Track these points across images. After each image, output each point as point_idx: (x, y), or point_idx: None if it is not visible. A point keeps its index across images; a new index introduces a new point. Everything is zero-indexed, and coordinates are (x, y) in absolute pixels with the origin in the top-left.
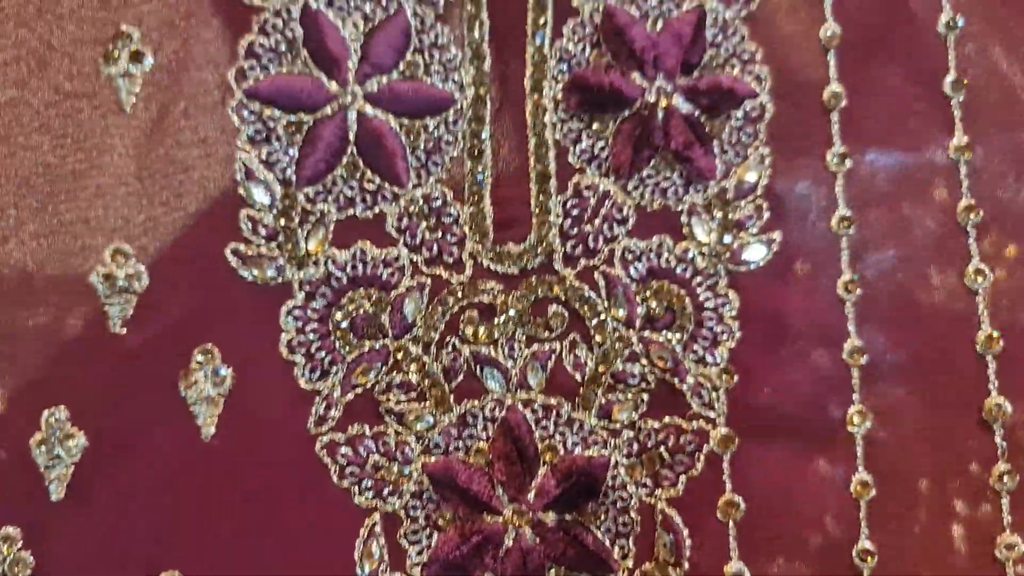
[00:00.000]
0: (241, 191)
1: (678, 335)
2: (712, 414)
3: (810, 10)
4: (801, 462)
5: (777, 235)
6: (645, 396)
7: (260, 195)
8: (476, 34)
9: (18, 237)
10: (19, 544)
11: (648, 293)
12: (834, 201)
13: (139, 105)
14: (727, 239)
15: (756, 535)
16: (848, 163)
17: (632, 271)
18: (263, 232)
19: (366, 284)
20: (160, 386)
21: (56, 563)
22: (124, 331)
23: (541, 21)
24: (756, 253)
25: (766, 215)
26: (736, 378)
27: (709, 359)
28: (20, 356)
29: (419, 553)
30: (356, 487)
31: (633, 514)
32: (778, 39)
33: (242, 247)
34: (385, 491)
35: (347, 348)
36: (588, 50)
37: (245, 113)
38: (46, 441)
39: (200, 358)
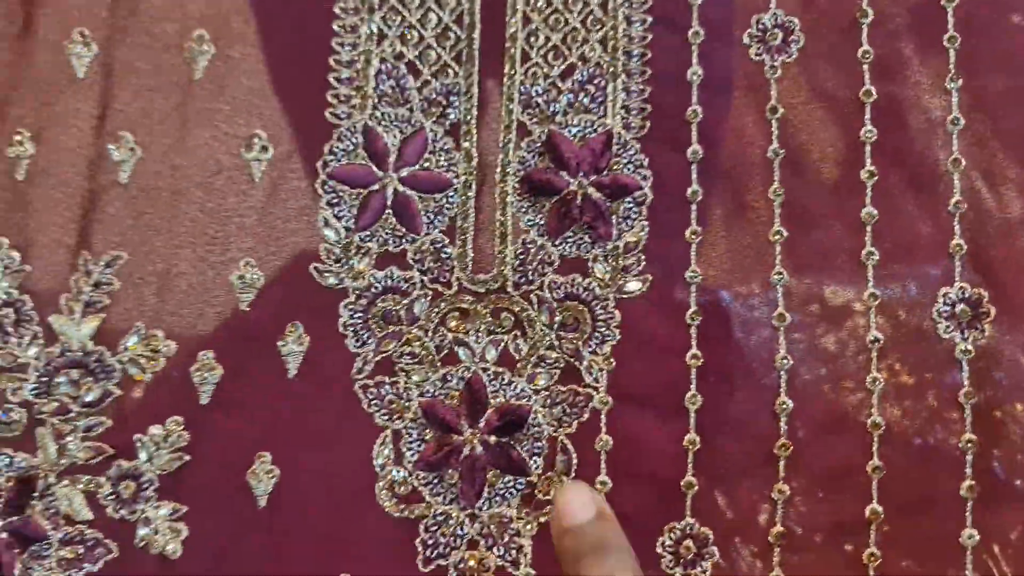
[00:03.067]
0: (321, 232)
1: (580, 335)
2: (597, 384)
3: (681, 132)
4: (648, 422)
5: (649, 276)
6: (557, 370)
7: (332, 235)
8: (467, 144)
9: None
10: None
11: (564, 309)
12: (688, 259)
13: (262, 181)
14: (616, 277)
15: (618, 462)
16: (699, 238)
17: (555, 294)
18: (332, 257)
19: (392, 292)
20: (267, 343)
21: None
22: (248, 310)
23: (508, 138)
24: (634, 287)
25: (643, 263)
26: (613, 363)
27: (598, 351)
28: (188, 321)
29: (412, 455)
30: (377, 412)
31: (543, 442)
32: (660, 155)
33: (320, 266)
34: (394, 416)
35: (378, 329)
36: (536, 157)
37: (326, 187)
38: (199, 369)
39: (290, 328)
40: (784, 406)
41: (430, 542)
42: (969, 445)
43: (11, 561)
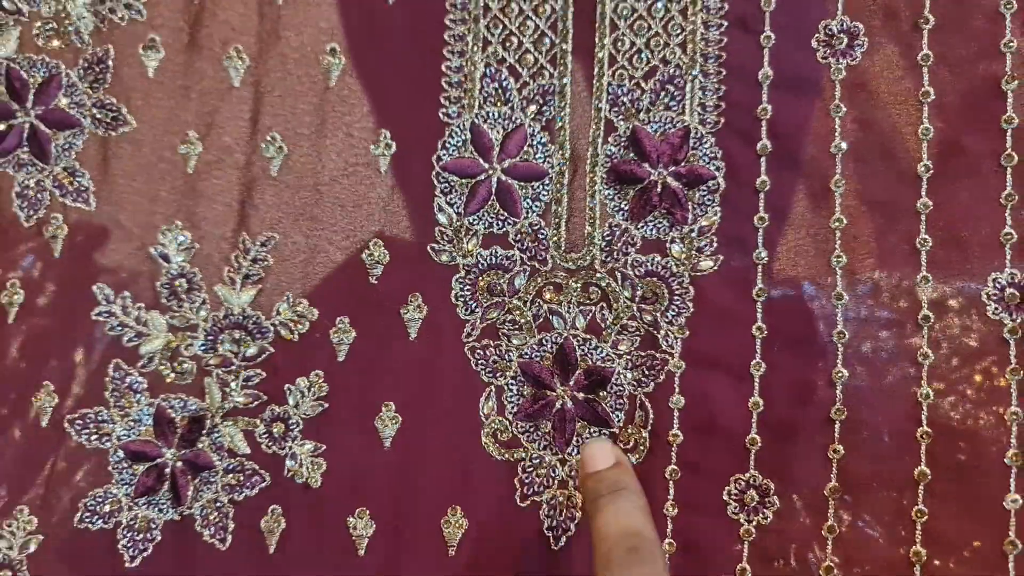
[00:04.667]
0: (437, 216)
1: (658, 307)
2: (672, 350)
3: (752, 127)
4: (717, 384)
5: (720, 257)
6: (637, 338)
7: (445, 219)
8: (561, 138)
9: (324, 241)
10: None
11: (645, 284)
12: (755, 243)
13: (387, 173)
14: (691, 257)
15: (689, 419)
16: (766, 223)
17: (637, 272)
18: (445, 238)
19: (496, 268)
20: (393, 311)
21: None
22: (377, 283)
23: (597, 133)
24: (707, 265)
25: (715, 245)
26: (687, 332)
27: (674, 321)
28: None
29: (512, 407)
30: (483, 370)
31: (625, 399)
32: (732, 148)
33: (435, 246)
34: (497, 374)
35: (484, 300)
36: (621, 150)
37: (440, 178)
38: (337, 332)
39: (411, 298)
40: (840, 375)
41: (527, 481)
42: (1014, 417)
43: (185, 485)
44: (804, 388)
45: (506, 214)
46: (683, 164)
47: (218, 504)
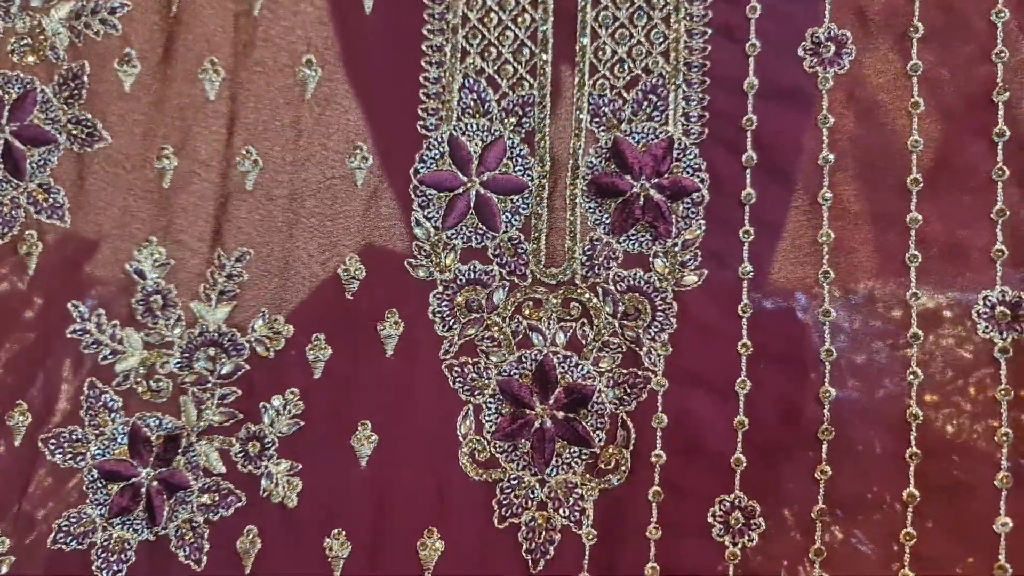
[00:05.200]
0: (414, 231)
1: (640, 323)
2: (655, 368)
3: (737, 138)
4: (701, 403)
5: (705, 271)
6: (619, 355)
7: (422, 234)
8: (541, 150)
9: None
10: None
11: (627, 299)
12: (740, 257)
13: (363, 186)
14: (675, 272)
15: (672, 438)
16: (752, 236)
17: (618, 287)
18: (423, 252)
19: (475, 283)
20: (369, 327)
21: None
22: (351, 297)
23: (578, 145)
24: (691, 280)
25: (699, 259)
26: (670, 349)
27: (657, 338)
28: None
29: (491, 427)
30: (461, 388)
31: (606, 418)
32: (717, 159)
33: (412, 260)
34: (475, 392)
35: (462, 316)
36: (603, 162)
37: (418, 191)
38: (312, 348)
39: (388, 314)
40: (827, 394)
41: (505, 503)
42: (1005, 438)
43: (160, 505)
44: (791, 407)
45: (485, 228)
46: (666, 176)
47: (193, 524)
